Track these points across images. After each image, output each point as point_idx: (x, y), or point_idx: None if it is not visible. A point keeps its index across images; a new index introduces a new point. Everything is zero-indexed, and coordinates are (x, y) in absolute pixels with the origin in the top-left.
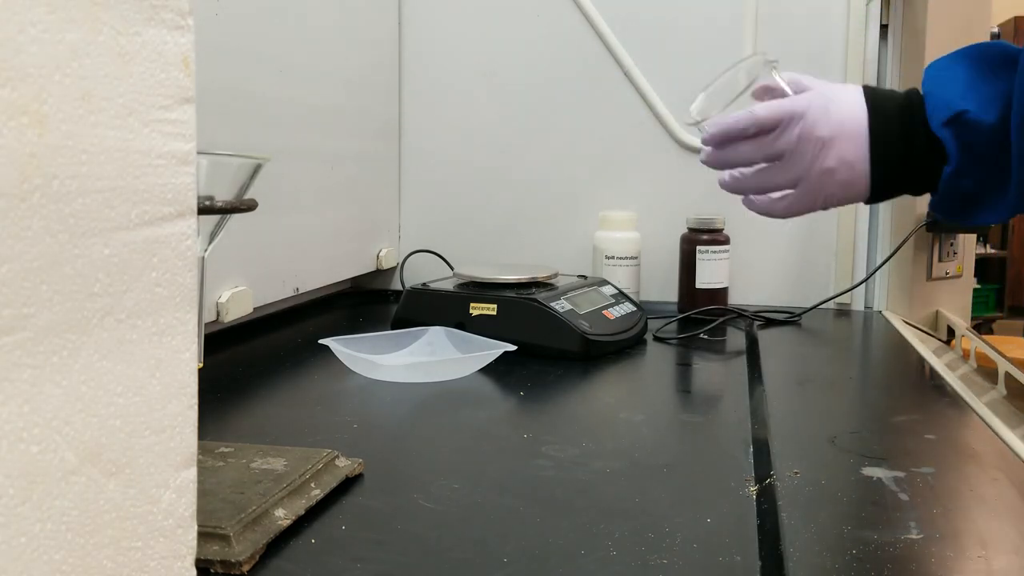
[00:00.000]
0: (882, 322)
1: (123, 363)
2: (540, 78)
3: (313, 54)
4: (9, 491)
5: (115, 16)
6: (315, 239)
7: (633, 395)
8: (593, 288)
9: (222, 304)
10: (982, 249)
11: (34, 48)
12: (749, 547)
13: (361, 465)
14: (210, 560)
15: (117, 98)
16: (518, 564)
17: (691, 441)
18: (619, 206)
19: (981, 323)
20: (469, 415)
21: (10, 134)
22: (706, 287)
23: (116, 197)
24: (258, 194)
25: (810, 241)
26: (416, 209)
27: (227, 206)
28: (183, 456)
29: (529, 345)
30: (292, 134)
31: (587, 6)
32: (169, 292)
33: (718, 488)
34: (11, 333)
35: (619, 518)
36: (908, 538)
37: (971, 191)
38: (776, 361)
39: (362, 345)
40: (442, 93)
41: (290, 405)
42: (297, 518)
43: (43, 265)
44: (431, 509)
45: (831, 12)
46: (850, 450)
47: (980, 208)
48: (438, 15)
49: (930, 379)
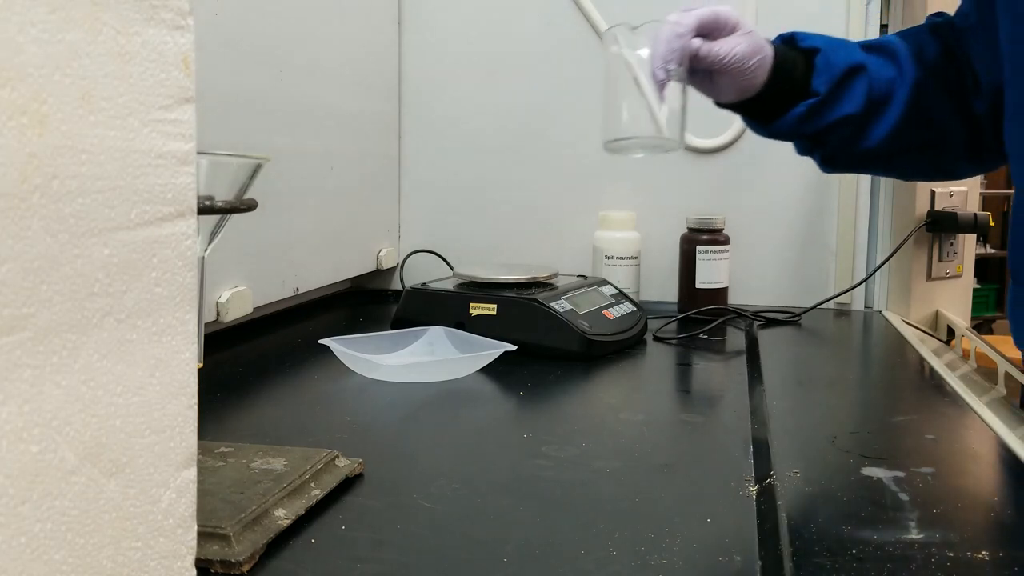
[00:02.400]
0: (882, 322)
1: (123, 363)
2: (540, 78)
3: (313, 54)
4: (9, 491)
5: (115, 16)
6: (315, 239)
7: (633, 395)
8: (593, 288)
9: (222, 304)
10: (982, 249)
11: (34, 48)
12: (749, 547)
13: (361, 465)
14: (210, 560)
15: (117, 98)
16: (518, 564)
17: (691, 441)
18: (619, 206)
19: (981, 323)
20: (469, 415)
21: (10, 134)
22: (706, 287)
23: (116, 197)
24: (258, 194)
25: (810, 241)
26: (416, 209)
27: (227, 206)
28: (183, 456)
29: (529, 345)
30: (292, 134)
31: (587, 6)
32: (169, 292)
33: (718, 488)
34: (11, 333)
35: (619, 518)
36: (908, 538)
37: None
38: (776, 361)
39: (362, 345)
40: (442, 93)
41: (290, 405)
42: (297, 518)
43: (43, 265)
44: (431, 509)
45: (831, 12)
46: (850, 450)
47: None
48: (438, 15)
49: (930, 379)
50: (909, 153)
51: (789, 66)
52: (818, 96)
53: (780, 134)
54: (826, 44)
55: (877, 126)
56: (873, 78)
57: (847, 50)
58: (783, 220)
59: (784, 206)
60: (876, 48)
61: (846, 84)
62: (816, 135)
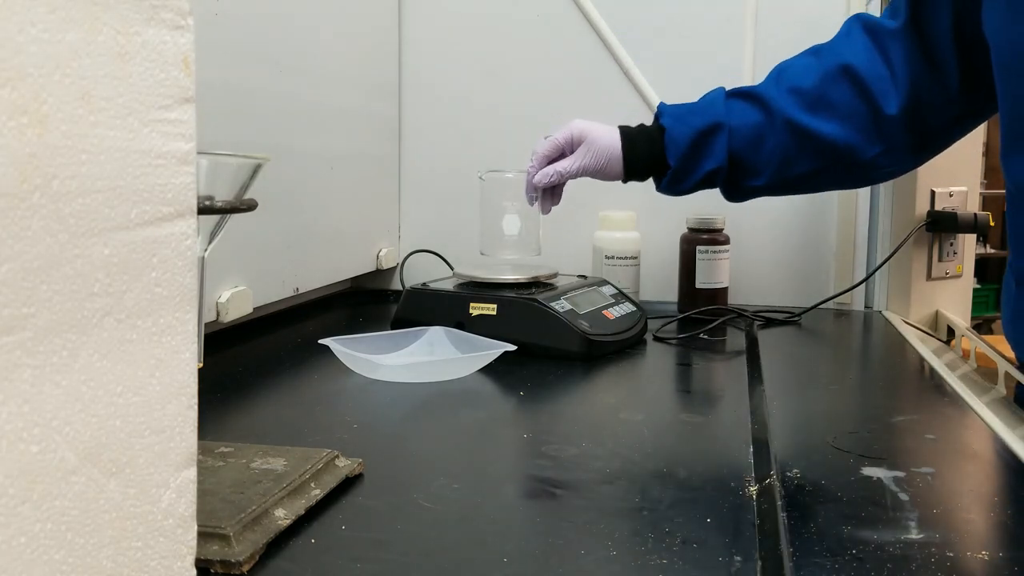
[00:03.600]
0: (882, 322)
1: (123, 363)
2: (540, 78)
3: (313, 54)
4: (9, 491)
5: (115, 16)
6: (315, 239)
7: (633, 395)
8: (593, 288)
9: (222, 304)
10: (982, 249)
11: (34, 48)
12: (749, 547)
13: (361, 465)
14: (210, 560)
15: (117, 98)
16: (518, 564)
17: (691, 441)
18: (619, 206)
19: (981, 323)
20: (469, 415)
21: (10, 134)
22: (706, 287)
23: (116, 197)
24: (258, 194)
25: (810, 241)
26: (416, 209)
27: (227, 206)
28: (183, 456)
29: (529, 345)
30: (292, 134)
31: (587, 6)
32: (169, 292)
33: (718, 488)
34: (11, 333)
35: (619, 518)
36: (908, 538)
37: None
38: (776, 361)
39: (362, 345)
40: (442, 93)
41: (290, 405)
42: (297, 518)
43: (43, 265)
44: (431, 509)
45: (831, 12)
46: (850, 450)
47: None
48: (438, 15)
49: (930, 379)
50: (812, 178)
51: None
52: (671, 168)
53: (669, 193)
54: (674, 119)
55: (758, 164)
56: (733, 129)
57: (701, 114)
58: (783, 220)
59: (784, 206)
60: (743, 95)
61: (701, 146)
62: (697, 187)
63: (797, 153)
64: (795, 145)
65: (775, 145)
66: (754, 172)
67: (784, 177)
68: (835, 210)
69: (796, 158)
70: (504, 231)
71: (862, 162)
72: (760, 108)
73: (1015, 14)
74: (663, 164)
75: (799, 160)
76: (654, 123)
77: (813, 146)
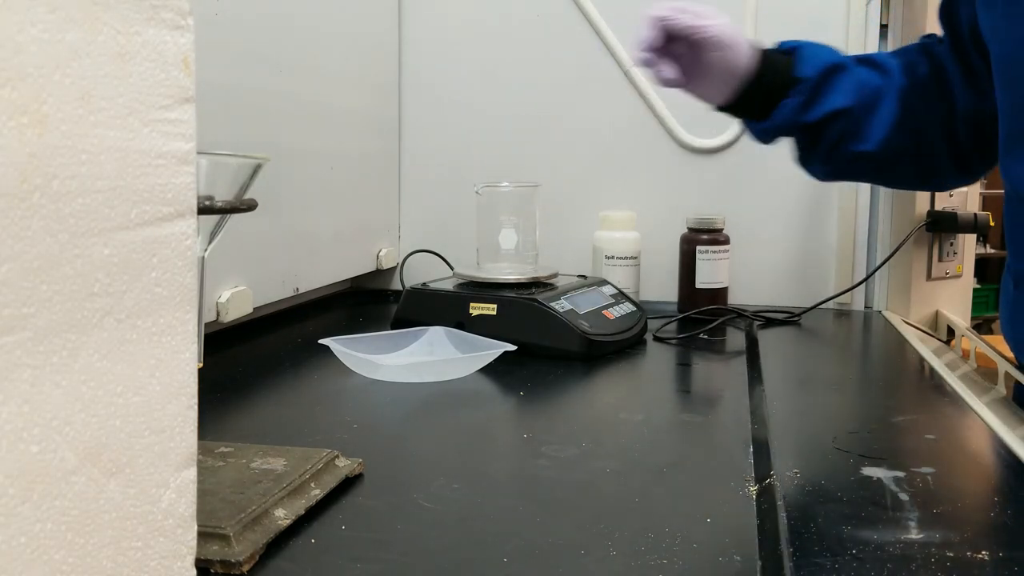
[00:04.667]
0: (882, 322)
1: (123, 363)
2: (540, 78)
3: (313, 54)
4: (9, 491)
5: (115, 16)
6: (315, 239)
7: (633, 395)
8: (593, 288)
9: (222, 304)
10: (982, 249)
11: (34, 48)
12: (749, 547)
13: (361, 465)
14: (210, 560)
15: (117, 98)
16: (518, 564)
17: (691, 441)
18: (619, 206)
19: (981, 323)
20: (469, 415)
21: (10, 134)
22: (706, 287)
23: (116, 197)
24: (258, 194)
25: (810, 241)
26: (416, 209)
27: (227, 206)
28: (183, 456)
29: (529, 345)
30: (292, 134)
31: (587, 6)
32: (169, 292)
33: (718, 488)
34: (11, 333)
35: (619, 518)
36: (908, 538)
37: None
38: (776, 361)
39: (362, 345)
40: (442, 93)
41: (290, 405)
42: (297, 518)
43: (43, 265)
44: (431, 509)
45: (831, 12)
46: (850, 450)
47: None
48: (438, 15)
49: (930, 379)
50: (900, 160)
51: (772, 56)
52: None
53: (778, 128)
54: (806, 43)
55: (871, 127)
56: (860, 79)
57: (829, 51)
58: (783, 220)
59: (784, 206)
60: (862, 60)
61: (831, 77)
62: (812, 128)
63: (903, 130)
64: (904, 122)
65: (888, 112)
66: (865, 134)
67: (885, 152)
68: (835, 210)
69: (899, 135)
70: (501, 246)
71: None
72: (880, 74)
73: (1013, 17)
74: (786, 84)
75: (900, 138)
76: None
77: (916, 130)
